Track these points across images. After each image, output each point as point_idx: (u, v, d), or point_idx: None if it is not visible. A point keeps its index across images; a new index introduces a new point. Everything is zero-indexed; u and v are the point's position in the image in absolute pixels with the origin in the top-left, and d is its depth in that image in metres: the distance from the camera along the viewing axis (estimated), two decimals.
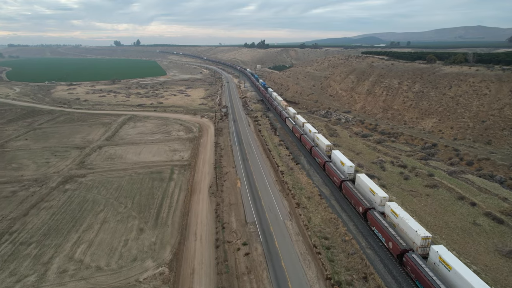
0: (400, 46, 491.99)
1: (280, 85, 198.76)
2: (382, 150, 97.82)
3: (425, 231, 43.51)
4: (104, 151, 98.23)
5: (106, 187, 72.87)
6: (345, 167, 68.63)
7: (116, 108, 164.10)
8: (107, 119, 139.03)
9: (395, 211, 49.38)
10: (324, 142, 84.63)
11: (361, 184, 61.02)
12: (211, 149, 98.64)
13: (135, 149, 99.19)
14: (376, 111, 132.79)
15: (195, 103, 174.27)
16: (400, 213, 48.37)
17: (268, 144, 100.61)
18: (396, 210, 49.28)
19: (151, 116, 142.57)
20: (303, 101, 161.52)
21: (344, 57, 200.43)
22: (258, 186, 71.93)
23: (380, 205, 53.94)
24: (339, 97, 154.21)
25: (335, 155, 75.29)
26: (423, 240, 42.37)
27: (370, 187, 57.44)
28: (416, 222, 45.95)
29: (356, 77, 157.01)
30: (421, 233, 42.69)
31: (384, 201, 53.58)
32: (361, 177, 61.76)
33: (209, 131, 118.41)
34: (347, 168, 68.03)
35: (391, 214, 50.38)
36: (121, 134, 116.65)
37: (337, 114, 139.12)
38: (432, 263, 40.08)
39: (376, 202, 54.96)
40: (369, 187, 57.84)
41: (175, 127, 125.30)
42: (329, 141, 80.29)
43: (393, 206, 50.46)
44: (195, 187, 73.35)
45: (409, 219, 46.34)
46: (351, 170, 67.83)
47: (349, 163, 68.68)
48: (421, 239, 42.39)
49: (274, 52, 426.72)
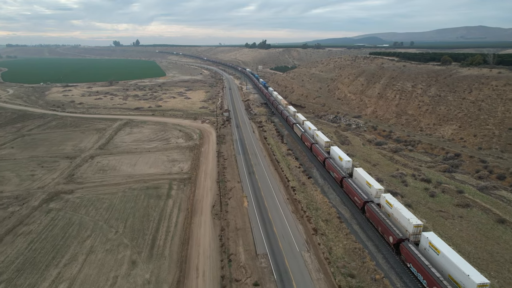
0: (404, 46, 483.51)
1: (284, 87, 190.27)
2: (400, 161, 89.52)
3: (417, 219, 46.53)
4: (96, 161, 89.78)
5: (95, 206, 64.46)
6: (343, 162, 71.98)
7: (112, 111, 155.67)
8: (102, 124, 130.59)
9: (389, 202, 52.34)
10: (323, 139, 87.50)
11: (359, 178, 64.01)
12: (213, 159, 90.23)
13: (130, 159, 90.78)
14: (388, 116, 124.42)
15: (195, 106, 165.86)
16: (394, 204, 51.34)
17: (275, 154, 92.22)
18: (391, 201, 52.26)
19: (149, 121, 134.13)
20: (310, 104, 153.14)
21: (351, 58, 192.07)
22: (267, 206, 63.52)
23: (376, 197, 57.11)
24: (348, 101, 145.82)
25: (333, 151, 78.03)
26: (415, 228, 45.37)
27: (367, 180, 60.65)
28: (409, 211, 49.05)
29: (365, 80, 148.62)
30: (413, 221, 45.74)
31: (379, 192, 56.84)
32: (358, 171, 64.67)
33: (210, 138, 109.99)
34: (345, 163, 71.47)
35: (385, 205, 53.49)
36: (115, 141, 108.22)
37: (347, 119, 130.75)
38: (423, 248, 43.08)
39: (372, 194, 58.09)
40: (365, 180, 61.03)
41: (174, 133, 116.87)
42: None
43: (388, 197, 53.64)
44: (196, 207, 64.95)
45: (402, 209, 49.44)
46: (349, 164, 71.41)
47: (347, 158, 72.16)
48: (413, 227, 45.35)
49: (275, 53, 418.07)
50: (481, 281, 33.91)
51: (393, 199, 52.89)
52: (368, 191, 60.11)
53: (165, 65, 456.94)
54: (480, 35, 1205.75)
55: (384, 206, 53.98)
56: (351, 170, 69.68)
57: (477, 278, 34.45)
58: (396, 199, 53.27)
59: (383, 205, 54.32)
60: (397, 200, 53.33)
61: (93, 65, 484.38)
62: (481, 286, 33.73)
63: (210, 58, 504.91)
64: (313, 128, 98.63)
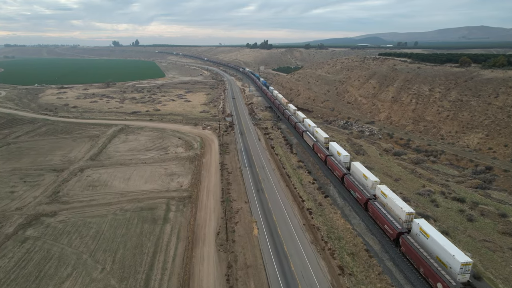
0: (408, 46, 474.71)
1: (289, 90, 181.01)
2: (424, 175, 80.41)
3: (409, 207, 49.64)
4: (86, 175, 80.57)
5: (80, 234, 55.30)
6: (341, 157, 74.89)
7: (107, 116, 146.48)
8: (96, 131, 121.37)
9: (384, 192, 55.26)
10: (323, 135, 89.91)
11: (356, 171, 66.94)
12: (216, 173, 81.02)
13: (124, 173, 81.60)
14: (404, 122, 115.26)
15: (195, 110, 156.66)
16: (388, 194, 54.25)
17: (285, 167, 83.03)
18: (385, 192, 55.23)
19: (146, 127, 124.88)
20: (317, 108, 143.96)
21: (359, 59, 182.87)
22: (281, 234, 54.33)
23: (372, 188, 60.04)
24: (359, 105, 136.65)
25: (332, 146, 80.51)
26: (407, 215, 48.43)
27: (363, 173, 63.51)
28: (402, 201, 52.11)
29: (377, 82, 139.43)
30: (406, 209, 48.81)
31: (375, 184, 59.85)
32: (355, 165, 68.01)
33: (212, 147, 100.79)
34: (343, 158, 74.51)
35: (381, 195, 56.33)
36: (109, 150, 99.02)
37: (359, 125, 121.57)
38: (415, 234, 45.99)
39: (368, 185, 61.05)
40: (362, 173, 63.91)
41: (173, 141, 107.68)
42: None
43: (382, 188, 56.61)
44: (197, 234, 55.78)
45: (396, 199, 52.43)
46: (347, 159, 74.45)
47: (344, 153, 75.58)
48: (406, 215, 48.42)
49: (278, 53, 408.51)
50: (464, 260, 37.37)
51: (388, 189, 56.12)
52: (364, 183, 62.80)
53: (165, 65, 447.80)
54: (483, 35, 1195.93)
55: (380, 196, 57.00)
56: (349, 165, 72.24)
57: (461, 257, 37.82)
58: (390, 189, 56.44)
59: (379, 195, 57.36)
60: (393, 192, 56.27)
61: (91, 65, 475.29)
62: (465, 264, 37.21)
63: (211, 58, 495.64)
64: (313, 125, 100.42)
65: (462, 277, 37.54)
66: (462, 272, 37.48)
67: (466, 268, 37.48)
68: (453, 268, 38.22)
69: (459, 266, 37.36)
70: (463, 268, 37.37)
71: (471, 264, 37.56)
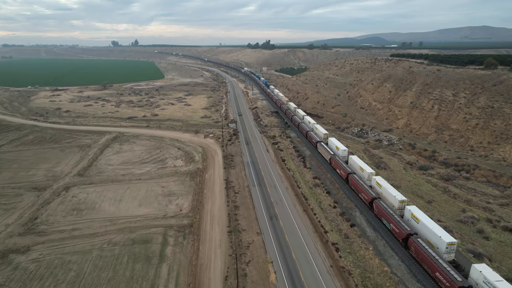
0: (413, 47, 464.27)
1: (296, 93, 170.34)
2: (460, 195, 69.90)
3: (402, 196, 53.30)
4: (72, 195, 70.03)
5: (56, 279, 44.80)
6: (339, 151, 77.93)
7: (101, 121, 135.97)
8: (87, 139, 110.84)
9: (379, 183, 57.88)
10: (322, 131, 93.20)
11: (353, 164, 69.95)
12: (221, 192, 70.49)
13: (115, 192, 71.11)
14: (426, 131, 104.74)
15: (196, 115, 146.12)
16: (383, 184, 57.18)
17: (300, 185, 72.49)
18: (380, 182, 57.84)
19: (142, 135, 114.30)
20: (328, 114, 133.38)
21: (370, 60, 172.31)
22: (305, 281, 43.78)
23: (368, 180, 62.88)
24: (374, 111, 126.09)
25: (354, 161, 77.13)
26: (400, 203, 52.00)
27: (360, 166, 66.70)
28: (395, 190, 55.42)
29: (393, 86, 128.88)
30: (399, 198, 52.46)
31: (371, 176, 62.48)
32: (353, 158, 71.22)
33: (216, 160, 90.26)
34: (341, 152, 77.30)
35: (376, 186, 58.72)
36: (100, 163, 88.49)
37: (375, 133, 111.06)
38: (407, 219, 49.85)
39: (365, 177, 64.01)
40: (359, 166, 67.00)
41: (171, 152, 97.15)
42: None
43: (377, 179, 59.20)
44: (201, 278, 45.26)
45: (390, 188, 55.73)
46: (345, 153, 77.07)
47: (343, 147, 78.30)
48: (399, 202, 52.06)
49: (280, 53, 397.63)
50: (450, 240, 40.70)
51: (382, 180, 59.09)
52: (361, 175, 65.79)
53: (164, 66, 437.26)
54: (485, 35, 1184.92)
55: (375, 187, 59.40)
56: (347, 159, 74.87)
57: (447, 238, 41.09)
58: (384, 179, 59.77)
59: (374, 186, 59.82)
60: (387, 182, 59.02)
61: (88, 66, 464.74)
62: (450, 244, 40.55)
63: (211, 59, 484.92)
64: (312, 122, 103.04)
65: (447, 256, 41.10)
66: (448, 251, 41.01)
67: (451, 248, 40.93)
68: (440, 248, 41.67)
69: (445, 246, 40.73)
70: (448, 248, 40.83)
71: (455, 244, 41.11)
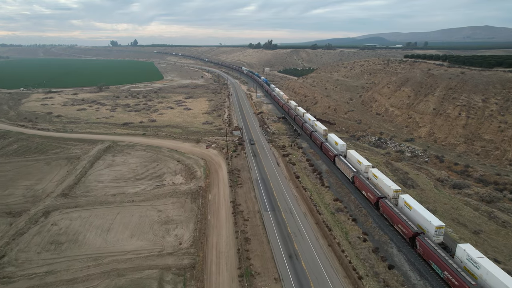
0: (418, 47, 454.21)
1: (303, 96, 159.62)
2: (510, 222, 59.19)
3: (396, 185, 57.87)
4: (52, 222, 59.44)
5: None
6: (338, 146, 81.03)
7: (94, 128, 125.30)
8: (77, 149, 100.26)
9: (375, 174, 62.62)
10: (321, 127, 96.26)
11: (351, 158, 74.21)
12: (227, 219, 59.89)
13: (103, 218, 60.58)
14: (453, 141, 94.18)
15: (197, 121, 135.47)
16: (379, 175, 61.77)
17: (320, 210, 61.90)
18: (376, 173, 62.59)
19: (138, 145, 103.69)
20: (341, 120, 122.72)
21: (382, 62, 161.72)
22: None
23: (365, 172, 67.14)
24: (391, 117, 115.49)
25: (330, 137, 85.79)
26: (394, 192, 56.23)
27: (358, 159, 70.80)
28: (390, 180, 60.20)
29: (412, 90, 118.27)
30: (393, 187, 56.71)
31: (368, 168, 67.03)
32: (351, 152, 75.46)
33: (220, 176, 79.68)
34: (340, 147, 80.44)
35: (372, 177, 63.68)
36: (89, 180, 77.87)
37: (395, 143, 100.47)
38: (401, 207, 53.78)
39: (362, 170, 68.27)
40: (356, 159, 71.18)
41: (170, 165, 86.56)
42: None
43: (374, 171, 63.89)
44: None
45: (385, 179, 60.19)
46: (344, 148, 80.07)
47: (341, 142, 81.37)
48: (393, 191, 56.33)
49: (283, 54, 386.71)
50: (438, 224, 45.04)
51: (378, 171, 62.82)
52: (358, 167, 69.08)
53: (163, 66, 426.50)
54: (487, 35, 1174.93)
55: (371, 178, 63.19)
56: (345, 153, 78.41)
57: (436, 222, 45.49)
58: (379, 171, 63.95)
59: (371, 177, 63.65)
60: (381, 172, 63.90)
61: (86, 66, 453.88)
62: (439, 228, 44.88)
63: (212, 59, 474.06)
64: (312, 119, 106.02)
65: (437, 238, 44.50)
66: (437, 234, 44.61)
67: (440, 231, 44.60)
68: (430, 231, 45.17)
69: (434, 229, 44.47)
70: (437, 231, 44.51)
71: (444, 227, 45.14)
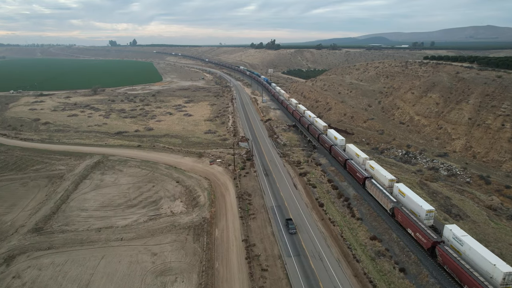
0: (425, 47, 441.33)
1: (314, 102, 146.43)
2: None
3: (392, 175, 62.37)
4: (13, 274, 46.43)
5: None
6: (337, 141, 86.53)
7: (84, 138, 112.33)
8: (62, 165, 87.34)
9: (372, 166, 67.33)
10: (321, 123, 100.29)
11: (350, 151, 78.90)
12: (240, 270, 46.94)
13: (82, 266, 47.70)
14: (497, 157, 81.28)
15: (198, 129, 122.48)
16: (375, 167, 66.73)
17: (356, 255, 48.90)
18: (373, 165, 67.36)
19: (132, 160, 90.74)
20: (360, 130, 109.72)
21: (400, 64, 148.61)
22: None
23: (362, 164, 71.60)
24: (418, 127, 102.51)
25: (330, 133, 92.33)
26: (390, 181, 60.90)
27: (356, 152, 75.80)
28: (386, 171, 64.91)
29: (441, 97, 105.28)
30: (388, 177, 61.37)
31: (365, 161, 71.37)
32: (349, 146, 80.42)
33: (227, 202, 66.74)
34: (339, 141, 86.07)
35: (369, 168, 68.25)
36: (70, 208, 64.95)
37: (427, 158, 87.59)
38: (395, 195, 58.25)
39: (360, 162, 72.90)
40: (355, 152, 76.09)
41: (168, 187, 73.61)
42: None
43: (371, 163, 68.58)
44: None
45: (381, 170, 65.10)
46: (343, 142, 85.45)
47: (340, 137, 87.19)
48: (388, 181, 61.01)
49: (286, 54, 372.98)
50: (428, 208, 49.94)
51: (375, 163, 68.40)
52: (356, 160, 74.48)
53: (163, 67, 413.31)
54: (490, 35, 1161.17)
55: (368, 169, 68.51)
56: (344, 147, 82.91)
57: (426, 206, 50.48)
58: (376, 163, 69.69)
59: (368, 169, 68.94)
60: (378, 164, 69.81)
61: (83, 66, 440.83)
62: (429, 211, 49.73)
63: (212, 59, 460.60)
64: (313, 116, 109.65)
65: (427, 221, 50.01)
66: (428, 218, 50.10)
67: (430, 215, 50.18)
68: (421, 215, 50.61)
69: (424, 213, 49.90)
70: (428, 215, 50.00)
71: (434, 211, 50.65)
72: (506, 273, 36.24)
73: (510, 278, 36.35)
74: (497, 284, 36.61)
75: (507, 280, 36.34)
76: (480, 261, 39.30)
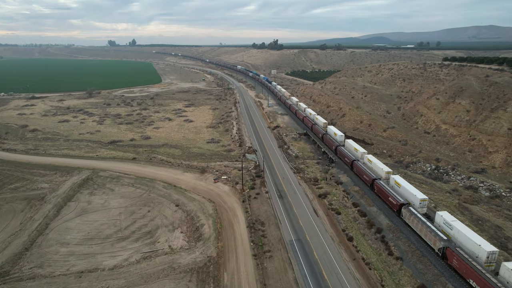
0: (430, 47, 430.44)
1: (325, 107, 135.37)
2: None
3: (388, 168, 66.36)
4: None
5: None
6: (337, 137, 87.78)
7: (74, 148, 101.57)
8: (45, 182, 76.57)
9: (370, 159, 71.10)
10: (322, 120, 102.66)
11: (349, 147, 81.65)
12: None
13: None
14: None
15: (200, 138, 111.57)
16: (373, 160, 70.21)
17: None
18: (371, 159, 71.07)
19: (126, 175, 79.86)
20: (379, 139, 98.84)
21: (418, 66, 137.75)
22: None
23: (361, 159, 74.66)
24: (446, 138, 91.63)
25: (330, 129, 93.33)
26: (386, 173, 64.50)
27: (355, 147, 78.81)
28: (382, 164, 68.52)
29: (471, 103, 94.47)
30: (385, 169, 65.15)
31: (363, 155, 74.59)
32: (349, 141, 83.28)
33: (237, 233, 55.85)
34: (338, 137, 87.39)
35: (367, 162, 72.14)
36: (48, 242, 54.10)
37: (461, 175, 76.70)
38: (391, 186, 61.24)
39: (358, 156, 75.88)
40: (354, 147, 79.13)
41: (166, 212, 62.75)
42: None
43: (369, 157, 72.25)
44: None
45: (378, 163, 68.55)
46: (342, 138, 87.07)
47: (340, 133, 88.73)
48: (385, 173, 64.66)
49: (290, 54, 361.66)
50: (422, 197, 53.35)
51: (373, 157, 71.60)
52: (354, 154, 77.43)
53: (162, 67, 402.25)
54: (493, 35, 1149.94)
55: (367, 163, 72.32)
56: (344, 143, 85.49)
57: (420, 196, 53.79)
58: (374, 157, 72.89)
59: (366, 162, 72.80)
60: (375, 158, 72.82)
61: (81, 67, 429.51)
62: (422, 200, 53.32)
63: (213, 60, 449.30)
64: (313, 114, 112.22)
65: (421, 210, 52.85)
66: (421, 206, 53.18)
67: (424, 203, 53.37)
68: (415, 204, 53.71)
69: (418, 202, 53.10)
70: (421, 203, 53.21)
71: (427, 200, 53.71)
72: (489, 251, 39.82)
73: (493, 256, 39.95)
74: (481, 262, 39.96)
75: (491, 259, 39.91)
76: (467, 243, 42.80)
